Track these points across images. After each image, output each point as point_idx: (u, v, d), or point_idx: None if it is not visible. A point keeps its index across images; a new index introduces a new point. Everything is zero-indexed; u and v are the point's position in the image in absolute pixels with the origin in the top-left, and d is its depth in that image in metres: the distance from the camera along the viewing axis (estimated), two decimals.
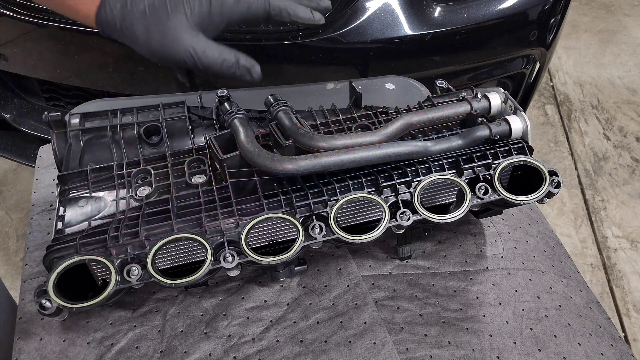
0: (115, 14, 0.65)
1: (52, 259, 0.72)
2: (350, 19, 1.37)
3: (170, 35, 0.65)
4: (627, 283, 1.92)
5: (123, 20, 0.65)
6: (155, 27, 0.64)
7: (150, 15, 0.64)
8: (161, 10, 0.64)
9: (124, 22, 0.65)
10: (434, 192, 0.84)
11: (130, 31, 0.65)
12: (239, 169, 0.81)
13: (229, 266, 0.71)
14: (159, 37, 0.65)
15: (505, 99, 0.88)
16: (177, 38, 0.65)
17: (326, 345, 0.78)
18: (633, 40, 3.12)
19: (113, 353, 0.78)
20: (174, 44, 0.65)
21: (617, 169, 2.36)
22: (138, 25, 0.64)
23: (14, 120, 1.71)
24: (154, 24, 0.64)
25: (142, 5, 0.64)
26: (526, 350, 0.79)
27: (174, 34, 0.65)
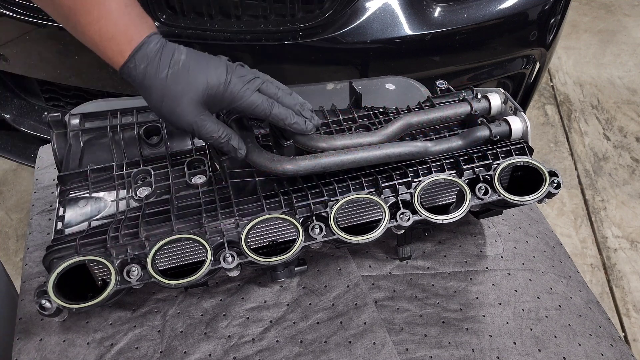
0: (138, 72, 0.71)
1: (52, 259, 0.72)
2: (350, 19, 1.37)
3: (180, 107, 0.71)
4: (627, 283, 1.92)
5: (143, 80, 0.71)
6: (169, 96, 0.71)
7: (169, 85, 0.71)
8: (179, 83, 0.71)
9: (144, 82, 0.71)
10: (434, 193, 0.84)
11: (148, 91, 0.72)
12: (239, 169, 0.81)
13: (229, 266, 0.71)
14: (170, 105, 0.71)
15: (505, 99, 0.88)
16: (185, 111, 0.72)
17: (326, 345, 0.78)
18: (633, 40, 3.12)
19: (113, 353, 0.78)
20: (181, 115, 0.72)
21: (617, 169, 2.36)
22: (155, 89, 0.71)
23: (14, 120, 1.71)
24: (168, 93, 0.71)
25: (164, 74, 0.70)
26: (526, 351, 0.79)
27: (184, 107, 0.71)
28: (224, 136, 0.75)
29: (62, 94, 1.68)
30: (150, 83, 0.71)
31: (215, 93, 0.72)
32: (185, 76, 0.71)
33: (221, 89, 0.72)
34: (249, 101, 0.73)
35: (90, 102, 1.18)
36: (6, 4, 1.43)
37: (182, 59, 0.71)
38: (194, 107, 0.72)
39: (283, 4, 1.35)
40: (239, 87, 0.73)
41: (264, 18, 1.36)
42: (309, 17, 1.38)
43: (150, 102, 0.73)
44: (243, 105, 0.73)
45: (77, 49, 1.43)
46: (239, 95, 0.73)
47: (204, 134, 0.74)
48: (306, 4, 1.37)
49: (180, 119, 0.72)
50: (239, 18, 1.36)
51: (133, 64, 0.70)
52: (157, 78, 0.70)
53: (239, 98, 0.73)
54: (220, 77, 0.72)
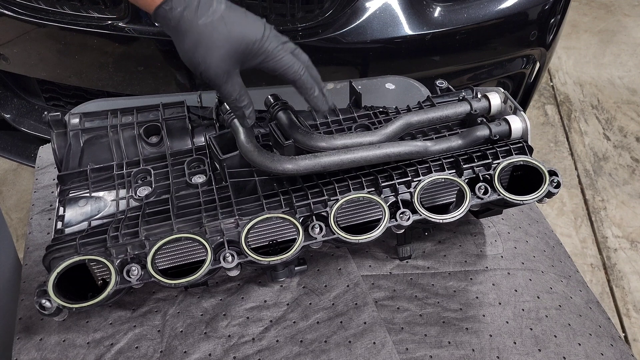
0: (174, 15, 0.68)
1: (52, 258, 0.72)
2: (350, 19, 1.37)
3: (213, 57, 0.70)
4: (627, 283, 1.92)
5: (179, 24, 0.68)
6: (204, 44, 0.69)
7: (206, 32, 0.68)
8: (217, 32, 0.69)
9: (180, 26, 0.68)
10: (433, 192, 0.84)
11: (182, 36, 0.69)
12: (239, 169, 0.81)
13: (229, 266, 0.71)
14: (204, 53, 0.69)
15: (505, 98, 0.88)
16: (217, 62, 0.70)
17: (326, 345, 0.78)
18: (633, 40, 3.12)
19: (113, 353, 0.78)
20: (212, 65, 0.70)
21: (617, 169, 2.36)
22: (191, 35, 0.69)
23: (14, 120, 1.71)
24: (204, 41, 0.69)
25: (203, 21, 0.68)
26: (526, 350, 0.79)
27: (217, 58, 0.70)
28: (242, 99, 0.75)
29: (62, 94, 1.68)
30: (186, 28, 0.68)
31: (251, 48, 0.71)
32: (223, 26, 0.69)
33: (257, 44, 0.71)
34: (283, 61, 0.73)
35: (90, 102, 1.18)
36: (6, 4, 1.43)
37: (222, 8, 0.70)
38: (227, 60, 0.70)
39: (283, 3, 1.35)
40: (275, 44, 0.72)
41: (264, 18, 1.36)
42: (309, 17, 1.38)
43: (181, 47, 0.71)
44: (276, 65, 0.73)
45: (77, 49, 1.44)
46: (274, 53, 0.72)
47: (225, 90, 0.73)
48: (306, 4, 1.37)
49: (209, 69, 0.71)
50: None
51: (169, 5, 0.68)
52: (195, 24, 0.68)
53: (273, 56, 0.72)
54: (258, 33, 0.71)
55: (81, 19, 1.36)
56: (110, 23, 1.36)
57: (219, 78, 0.72)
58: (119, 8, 1.36)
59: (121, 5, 1.36)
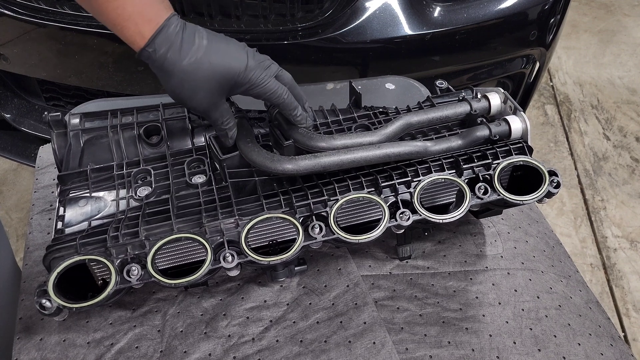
0: (158, 56, 0.70)
1: (52, 258, 0.72)
2: (350, 19, 1.37)
3: (199, 94, 0.73)
4: (626, 283, 1.92)
5: (163, 64, 0.70)
6: (189, 83, 0.72)
7: (191, 72, 0.71)
8: (201, 71, 0.71)
9: (164, 66, 0.71)
10: (433, 192, 0.84)
11: (167, 76, 0.71)
12: (239, 169, 0.81)
13: (229, 266, 0.71)
14: (190, 91, 0.72)
15: (505, 99, 0.88)
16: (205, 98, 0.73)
17: (326, 345, 0.78)
18: (633, 40, 3.12)
19: (113, 353, 0.78)
20: (199, 102, 0.74)
21: (616, 169, 2.36)
22: (176, 75, 0.71)
23: (14, 120, 1.71)
24: (189, 80, 0.71)
25: (186, 62, 0.70)
26: (526, 350, 0.79)
27: (204, 94, 0.73)
28: (228, 123, 0.78)
29: (62, 94, 1.68)
30: (171, 68, 0.70)
31: (236, 80, 0.73)
32: (207, 65, 0.71)
33: (241, 76, 0.73)
34: (266, 87, 0.75)
35: (90, 102, 1.18)
36: (6, 4, 1.43)
37: (204, 45, 0.71)
38: (213, 94, 0.74)
39: (283, 3, 1.35)
40: (259, 73, 0.74)
41: (264, 18, 1.36)
42: (309, 17, 1.38)
43: (168, 86, 0.73)
44: (260, 91, 0.75)
45: (77, 49, 1.43)
46: (258, 81, 0.74)
47: (213, 118, 0.77)
48: (306, 4, 1.37)
49: (197, 106, 0.74)
50: (239, 18, 1.36)
51: (153, 48, 0.69)
52: (179, 64, 0.70)
53: (258, 84, 0.74)
54: (241, 64, 0.73)
55: (81, 19, 1.36)
56: None
57: (207, 111, 0.76)
58: None
59: None
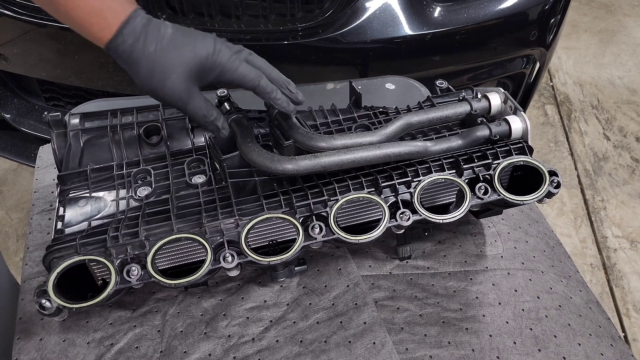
0: (126, 47, 0.70)
1: (52, 259, 0.72)
2: (350, 19, 1.37)
3: (169, 81, 0.71)
4: (627, 283, 1.92)
5: (131, 55, 0.70)
6: (158, 70, 0.71)
7: (158, 59, 0.70)
8: (168, 57, 0.71)
9: (132, 57, 0.70)
10: (433, 192, 0.84)
11: (136, 66, 0.71)
12: (239, 169, 0.81)
13: (229, 266, 0.71)
14: (160, 79, 0.71)
15: (505, 99, 0.88)
16: (175, 85, 0.72)
17: (326, 345, 0.78)
18: (633, 40, 3.12)
19: (113, 353, 0.78)
20: (171, 89, 0.72)
21: (617, 169, 2.36)
22: (144, 63, 0.70)
23: (14, 120, 1.71)
24: (158, 67, 0.71)
25: (153, 48, 0.70)
26: (526, 351, 0.79)
27: (173, 81, 0.71)
28: (210, 114, 0.76)
29: (62, 94, 1.68)
30: (138, 58, 0.70)
31: (205, 64, 0.72)
32: (173, 49, 0.71)
33: (210, 59, 0.72)
34: (238, 72, 0.74)
35: (90, 102, 1.18)
36: (6, 4, 1.43)
37: (169, 33, 0.71)
38: (184, 81, 0.72)
39: (283, 3, 1.35)
40: (228, 56, 0.73)
41: (264, 18, 1.36)
42: (309, 17, 1.38)
43: (138, 77, 0.72)
44: (232, 77, 0.74)
45: (77, 49, 1.43)
46: (228, 65, 0.73)
47: (191, 109, 0.74)
48: (306, 4, 1.37)
49: (170, 93, 0.72)
50: (239, 18, 1.36)
51: (121, 39, 0.69)
52: (146, 52, 0.70)
53: (228, 69, 0.73)
54: (209, 48, 0.72)
55: None
56: None
57: (181, 100, 0.73)
58: None
59: None
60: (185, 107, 0.74)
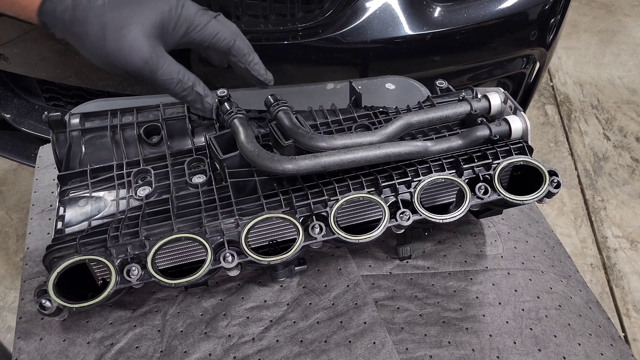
0: (65, 7, 0.55)
1: (52, 259, 0.72)
2: (350, 19, 1.37)
3: (128, 40, 0.57)
4: (627, 283, 1.92)
5: (74, 14, 0.55)
6: (113, 27, 0.56)
7: (110, 11, 0.56)
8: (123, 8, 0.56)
9: (75, 16, 0.55)
10: (434, 192, 0.84)
11: (82, 28, 0.56)
12: (239, 169, 0.81)
13: (229, 266, 0.71)
14: (116, 39, 0.56)
15: (505, 99, 0.88)
16: (137, 44, 0.57)
17: (326, 345, 0.78)
18: (633, 40, 3.12)
19: (113, 353, 0.78)
20: (133, 49, 0.57)
21: (617, 169, 2.36)
22: (93, 21, 0.56)
23: (14, 120, 1.71)
24: (111, 23, 0.56)
25: (101, 0, 0.56)
26: (526, 350, 0.79)
27: (134, 39, 0.57)
28: (187, 80, 0.63)
29: (62, 94, 1.68)
30: (83, 17, 0.55)
31: (169, 18, 0.59)
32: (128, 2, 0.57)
33: (174, 13, 0.59)
34: (209, 27, 0.62)
35: (90, 102, 1.18)
36: None
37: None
38: (147, 39, 0.58)
39: (283, 3, 1.35)
40: (194, 10, 0.61)
41: (264, 18, 1.36)
42: (309, 17, 1.38)
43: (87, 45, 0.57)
44: (204, 34, 0.62)
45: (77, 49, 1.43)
46: (197, 20, 0.61)
47: (161, 77, 0.61)
48: (306, 4, 1.37)
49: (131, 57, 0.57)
50: (239, 18, 1.36)
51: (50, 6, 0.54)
52: (93, 8, 0.55)
53: (197, 23, 0.61)
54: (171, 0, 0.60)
55: None
56: None
57: (147, 64, 0.58)
58: None
59: None
60: (153, 75, 0.60)
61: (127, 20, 0.56)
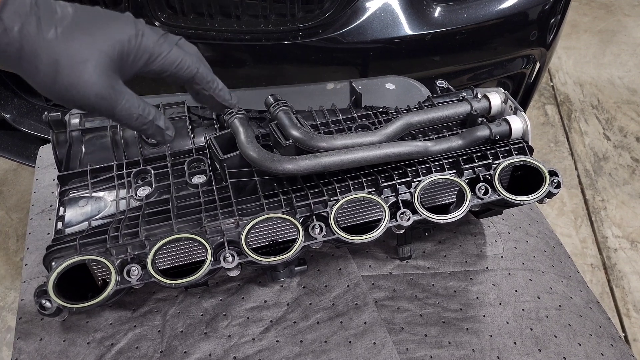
0: (12, 38, 0.51)
1: (52, 259, 0.72)
2: (350, 19, 1.37)
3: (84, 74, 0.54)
4: (627, 283, 1.92)
5: (22, 47, 0.52)
6: (66, 60, 0.53)
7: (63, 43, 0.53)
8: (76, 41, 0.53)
9: (24, 49, 0.52)
10: (434, 192, 0.84)
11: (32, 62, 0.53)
12: (239, 169, 0.81)
13: (229, 266, 0.71)
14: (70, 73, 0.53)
15: (505, 99, 0.88)
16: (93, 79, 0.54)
17: (326, 345, 0.78)
18: (633, 40, 3.12)
19: (113, 353, 0.78)
20: (88, 86, 0.54)
21: (617, 169, 2.36)
22: (43, 56, 0.52)
23: (14, 120, 1.71)
24: (66, 57, 0.53)
25: (52, 32, 0.52)
26: (526, 351, 0.79)
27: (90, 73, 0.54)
28: (148, 113, 0.61)
29: None
30: (33, 48, 0.52)
31: (128, 50, 0.57)
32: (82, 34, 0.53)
33: (133, 43, 0.57)
34: (171, 56, 0.60)
35: None
36: None
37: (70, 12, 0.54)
38: (104, 73, 0.55)
39: (283, 3, 1.35)
40: (155, 38, 0.59)
41: (264, 18, 1.36)
42: (309, 17, 1.38)
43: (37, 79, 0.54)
44: (165, 63, 0.59)
45: None
46: (157, 49, 0.59)
47: (121, 111, 0.58)
48: (306, 4, 1.37)
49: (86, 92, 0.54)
50: (239, 18, 1.36)
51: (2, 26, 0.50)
52: (43, 39, 0.52)
53: (158, 53, 0.59)
54: (129, 29, 0.57)
55: None
56: None
57: (104, 100, 0.56)
58: (119, 8, 1.36)
59: (121, 5, 1.36)
60: (112, 110, 0.57)
61: (82, 55, 0.53)
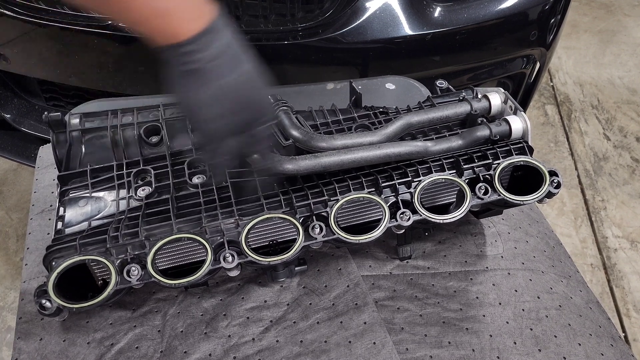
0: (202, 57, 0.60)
1: (52, 259, 0.72)
2: (350, 19, 1.37)
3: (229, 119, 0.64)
4: (627, 283, 1.92)
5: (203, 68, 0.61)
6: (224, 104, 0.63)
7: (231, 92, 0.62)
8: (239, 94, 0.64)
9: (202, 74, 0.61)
10: (434, 192, 0.84)
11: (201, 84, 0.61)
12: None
13: (229, 266, 0.71)
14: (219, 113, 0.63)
15: (505, 99, 0.88)
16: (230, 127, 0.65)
17: (326, 345, 0.78)
18: (633, 40, 3.12)
19: (113, 353, 0.78)
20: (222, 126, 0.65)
21: (617, 169, 2.36)
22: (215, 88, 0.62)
23: (14, 120, 1.71)
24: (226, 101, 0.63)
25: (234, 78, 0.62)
26: (526, 351, 0.79)
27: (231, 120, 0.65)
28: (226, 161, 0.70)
29: (62, 94, 1.68)
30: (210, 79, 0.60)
31: (262, 114, 0.67)
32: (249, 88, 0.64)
33: (269, 110, 0.73)
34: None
35: (90, 102, 1.18)
36: (6, 4, 1.43)
37: (250, 69, 0.64)
38: (240, 122, 0.65)
39: (283, 3, 1.35)
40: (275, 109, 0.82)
41: (264, 18, 1.36)
42: (309, 17, 1.38)
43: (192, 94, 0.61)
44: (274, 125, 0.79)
45: (77, 49, 1.43)
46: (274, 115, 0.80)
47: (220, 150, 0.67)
48: (306, 4, 1.37)
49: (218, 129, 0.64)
50: (239, 18, 1.36)
51: (197, 46, 0.58)
52: (226, 77, 0.61)
53: (274, 118, 0.79)
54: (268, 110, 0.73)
55: (81, 19, 1.36)
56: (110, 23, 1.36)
57: (222, 140, 0.65)
58: None
59: None
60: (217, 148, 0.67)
61: (235, 106, 0.63)
